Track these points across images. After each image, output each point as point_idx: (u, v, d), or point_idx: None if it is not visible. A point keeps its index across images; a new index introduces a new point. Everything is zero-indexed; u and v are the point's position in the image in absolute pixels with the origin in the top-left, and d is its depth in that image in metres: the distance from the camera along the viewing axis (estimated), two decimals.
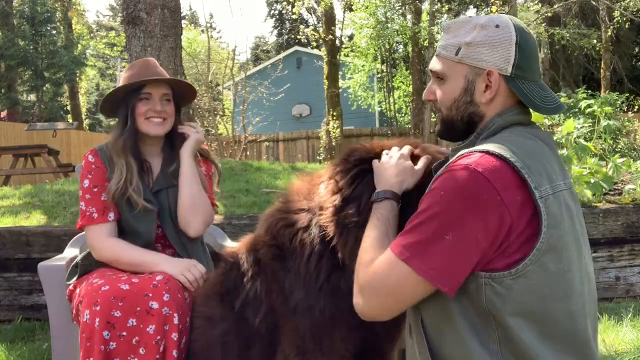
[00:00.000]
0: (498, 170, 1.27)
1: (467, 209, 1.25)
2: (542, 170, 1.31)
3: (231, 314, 1.91)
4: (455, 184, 1.28)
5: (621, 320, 3.23)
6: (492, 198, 1.25)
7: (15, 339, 3.22)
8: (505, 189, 1.25)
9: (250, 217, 3.74)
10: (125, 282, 2.04)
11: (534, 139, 1.39)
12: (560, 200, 1.31)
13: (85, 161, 2.32)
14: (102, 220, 2.24)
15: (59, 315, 2.36)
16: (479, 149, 1.32)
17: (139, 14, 5.45)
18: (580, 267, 1.34)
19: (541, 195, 1.27)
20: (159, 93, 2.31)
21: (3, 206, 4.75)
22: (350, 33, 19.55)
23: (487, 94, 1.43)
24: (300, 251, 1.75)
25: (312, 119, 21.53)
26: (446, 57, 1.46)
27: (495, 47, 1.40)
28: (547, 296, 1.27)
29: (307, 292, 1.72)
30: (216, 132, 13.06)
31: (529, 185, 1.26)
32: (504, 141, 1.34)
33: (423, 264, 1.27)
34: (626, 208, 3.84)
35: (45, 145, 9.52)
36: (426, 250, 1.27)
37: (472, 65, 1.42)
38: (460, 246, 1.25)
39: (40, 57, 19.85)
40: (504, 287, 1.26)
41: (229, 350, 1.90)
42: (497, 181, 1.25)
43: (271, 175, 6.08)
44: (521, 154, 1.30)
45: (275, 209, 1.90)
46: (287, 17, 35.93)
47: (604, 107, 5.63)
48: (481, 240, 1.25)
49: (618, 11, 15.43)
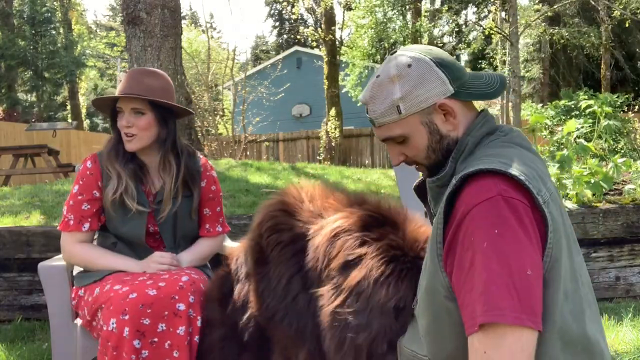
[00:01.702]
0: (508, 185, 1.22)
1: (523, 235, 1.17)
2: (535, 174, 1.27)
3: (228, 319, 1.91)
4: (499, 217, 1.18)
5: (621, 320, 3.23)
6: (529, 215, 1.20)
7: (15, 339, 3.22)
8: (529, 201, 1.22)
9: (250, 217, 3.74)
10: (152, 287, 2.05)
11: (513, 146, 1.37)
12: (557, 201, 1.29)
13: (83, 166, 2.34)
14: (75, 229, 2.27)
15: (59, 315, 2.36)
16: (473, 172, 1.25)
17: (139, 14, 5.45)
18: (572, 266, 1.29)
19: (544, 200, 1.23)
20: (128, 108, 2.26)
21: (3, 206, 4.75)
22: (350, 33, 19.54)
23: (451, 120, 1.42)
24: (277, 260, 1.73)
25: (312, 119, 21.54)
26: (392, 121, 1.43)
27: (426, 80, 1.40)
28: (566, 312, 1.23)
29: (277, 303, 1.70)
30: (216, 132, 13.05)
31: (531, 192, 1.22)
32: (490, 156, 1.30)
33: (523, 313, 1.12)
34: (626, 208, 3.84)
35: (45, 145, 9.52)
36: (517, 297, 1.13)
37: (420, 111, 1.41)
38: (538, 274, 1.16)
39: (40, 57, 19.87)
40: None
41: (226, 356, 1.90)
42: (521, 196, 1.21)
43: (271, 175, 6.08)
44: (511, 163, 1.25)
45: (270, 209, 1.86)
46: (286, 17, 35.94)
47: (604, 107, 5.63)
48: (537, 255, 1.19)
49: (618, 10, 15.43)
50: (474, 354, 1.16)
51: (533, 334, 1.13)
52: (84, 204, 2.27)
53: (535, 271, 1.15)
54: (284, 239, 1.74)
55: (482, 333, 1.14)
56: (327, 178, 6.25)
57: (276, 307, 1.70)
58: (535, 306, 1.14)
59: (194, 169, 2.39)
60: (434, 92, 1.40)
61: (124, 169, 2.28)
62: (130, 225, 2.28)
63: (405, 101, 1.40)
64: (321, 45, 16.72)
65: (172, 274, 2.17)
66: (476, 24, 20.23)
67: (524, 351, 1.12)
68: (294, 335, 1.66)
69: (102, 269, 2.25)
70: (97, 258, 2.27)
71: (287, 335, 1.69)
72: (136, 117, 2.25)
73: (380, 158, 17.42)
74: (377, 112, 1.45)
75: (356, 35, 18.03)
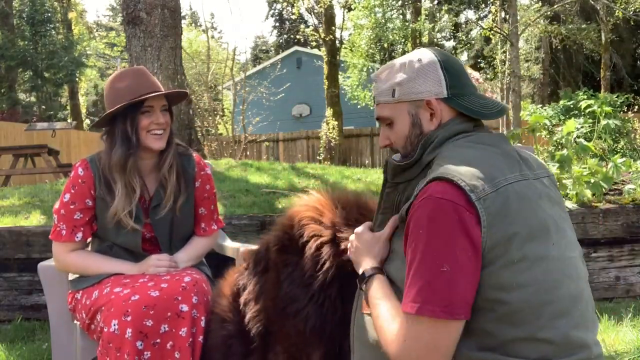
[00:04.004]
0: (450, 190, 1.31)
1: (447, 233, 1.28)
2: (479, 173, 1.33)
3: (237, 317, 1.89)
4: (426, 217, 1.31)
5: (621, 320, 3.23)
6: (461, 212, 1.28)
7: (15, 339, 3.22)
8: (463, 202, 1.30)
9: (250, 217, 3.74)
10: (154, 289, 2.05)
11: (474, 146, 1.44)
12: (508, 193, 1.33)
13: (74, 173, 2.26)
14: (68, 240, 2.24)
15: (59, 315, 2.36)
16: (428, 180, 1.36)
17: (139, 14, 5.45)
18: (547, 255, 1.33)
19: (478, 196, 1.29)
20: (159, 106, 2.24)
21: (3, 206, 4.75)
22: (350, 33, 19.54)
23: (434, 121, 1.51)
24: (311, 252, 1.68)
25: (312, 118, 21.53)
26: (386, 102, 1.55)
27: (425, 76, 1.50)
28: (499, 287, 1.29)
29: (297, 294, 1.67)
30: (216, 132, 13.05)
31: (464, 191, 1.29)
32: (442, 161, 1.40)
33: (437, 306, 1.26)
34: (626, 208, 3.84)
35: (45, 145, 9.51)
36: (433, 292, 1.27)
37: (410, 101, 1.51)
38: (459, 268, 1.26)
39: (40, 57, 19.86)
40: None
41: (231, 354, 1.89)
42: (455, 199, 1.29)
43: (271, 176, 6.08)
44: (455, 166, 1.35)
45: (307, 204, 1.83)
46: (287, 17, 35.94)
47: (603, 107, 5.62)
48: (472, 255, 1.27)
49: (619, 10, 15.42)
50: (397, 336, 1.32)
51: (447, 324, 1.26)
52: (76, 213, 2.23)
53: (453, 265, 1.26)
54: (322, 232, 1.71)
55: (405, 320, 1.30)
56: (327, 178, 6.25)
57: (294, 297, 1.67)
58: (446, 296, 1.26)
59: (187, 171, 2.37)
60: (427, 89, 1.50)
61: (136, 179, 2.23)
62: (125, 237, 2.26)
63: (401, 87, 1.51)
64: (321, 45, 16.71)
65: (174, 274, 2.16)
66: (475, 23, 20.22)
67: (422, 337, 1.28)
68: (309, 332, 1.63)
69: (99, 275, 2.23)
70: (93, 265, 2.25)
71: (298, 331, 1.65)
72: (164, 115, 2.26)
73: (380, 158, 17.42)
74: (378, 90, 1.57)
75: (355, 36, 18.03)
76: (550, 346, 1.30)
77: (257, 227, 3.61)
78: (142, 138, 2.21)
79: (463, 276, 1.27)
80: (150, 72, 2.35)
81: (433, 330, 1.27)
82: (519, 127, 9.89)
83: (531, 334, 1.29)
